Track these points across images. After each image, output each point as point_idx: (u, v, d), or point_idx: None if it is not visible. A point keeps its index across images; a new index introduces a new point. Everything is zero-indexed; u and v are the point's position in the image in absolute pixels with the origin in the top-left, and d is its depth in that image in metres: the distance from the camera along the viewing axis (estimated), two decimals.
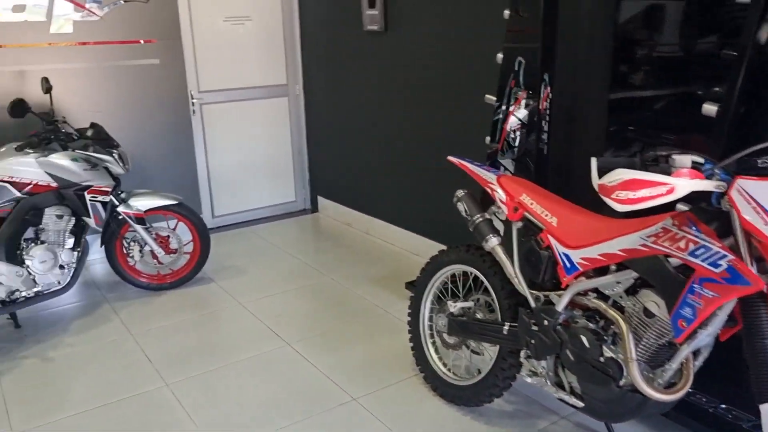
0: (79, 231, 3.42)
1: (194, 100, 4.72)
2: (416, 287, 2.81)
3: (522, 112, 2.87)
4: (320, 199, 5.39)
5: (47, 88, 3.43)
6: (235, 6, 4.74)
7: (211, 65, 4.75)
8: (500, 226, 2.51)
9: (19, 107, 3.21)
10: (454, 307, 2.54)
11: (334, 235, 4.87)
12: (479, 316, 2.52)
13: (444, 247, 2.70)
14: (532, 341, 2.17)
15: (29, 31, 3.91)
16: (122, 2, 4.16)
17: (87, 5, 4.05)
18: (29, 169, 3.17)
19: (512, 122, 2.90)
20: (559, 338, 2.08)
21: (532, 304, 2.22)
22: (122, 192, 3.63)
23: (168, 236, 3.81)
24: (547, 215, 2.16)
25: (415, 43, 3.96)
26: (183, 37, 4.53)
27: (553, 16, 2.73)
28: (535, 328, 2.16)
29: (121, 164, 3.52)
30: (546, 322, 2.11)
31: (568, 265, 2.05)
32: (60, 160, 3.26)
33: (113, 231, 3.65)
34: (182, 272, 3.91)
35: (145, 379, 2.93)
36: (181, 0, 4.46)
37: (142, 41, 4.31)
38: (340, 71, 4.72)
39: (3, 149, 3.25)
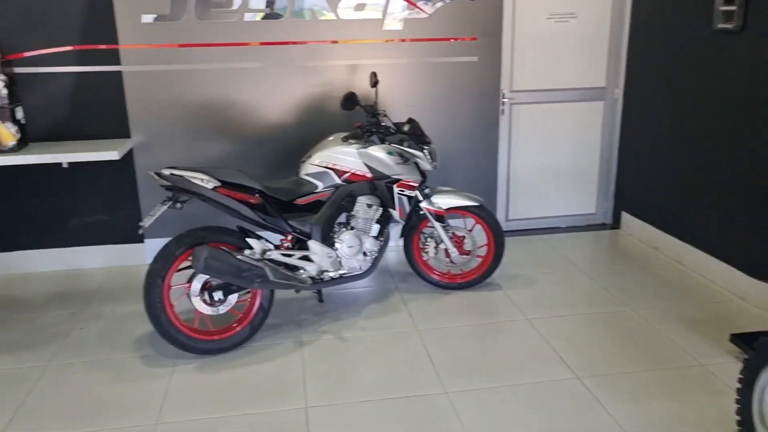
0: (383, 221, 3.54)
1: (505, 100, 4.60)
2: (757, 349, 2.25)
3: None
4: (624, 215, 4.86)
5: (374, 82, 3.61)
6: (562, 2, 4.47)
7: (527, 64, 4.57)
8: None
9: (350, 101, 3.42)
10: None
11: (636, 258, 4.33)
12: None
13: None
14: None
15: (365, 27, 4.18)
16: (450, 0, 4.20)
17: (418, 3, 4.18)
18: (350, 158, 3.36)
19: None
20: None
21: None
22: (427, 187, 3.67)
23: (464, 237, 3.76)
24: None
25: None
26: (504, 34, 4.42)
27: None
28: None
29: (430, 161, 3.55)
30: None
31: None
32: (377, 152, 3.40)
33: (413, 225, 3.72)
34: (472, 275, 3.84)
35: (426, 381, 2.89)
36: None
37: (464, 38, 4.31)
38: (674, 75, 4.12)
39: (331, 138, 3.50)
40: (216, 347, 3.11)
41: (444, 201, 3.63)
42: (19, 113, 3.82)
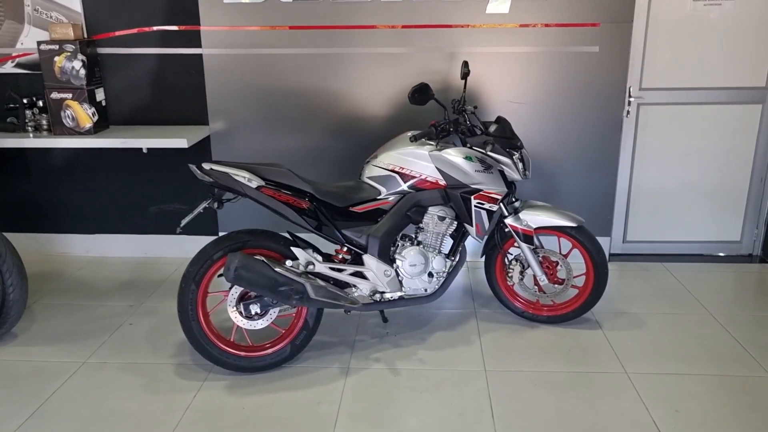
0: (458, 237, 3.02)
1: (631, 99, 3.85)
2: None
3: None
4: None
5: (464, 73, 3.07)
6: None
7: (663, 57, 3.79)
8: None
9: (421, 94, 2.88)
10: None
11: None
12: None
13: None
14: None
15: (465, 10, 3.64)
16: None
17: None
18: (420, 161, 2.87)
19: None
20: None
21: None
22: (516, 200, 3.09)
23: (557, 263, 3.14)
24: None
25: None
26: (636, 20, 3.68)
27: None
28: None
29: (519, 169, 2.97)
30: None
31: None
32: (453, 156, 2.87)
33: (496, 243, 3.16)
34: (564, 308, 3.21)
35: None
36: None
37: (584, 25, 3.63)
38: None
39: (400, 137, 3.03)
40: (250, 365, 2.79)
41: (534, 218, 3.04)
42: (100, 95, 3.75)
